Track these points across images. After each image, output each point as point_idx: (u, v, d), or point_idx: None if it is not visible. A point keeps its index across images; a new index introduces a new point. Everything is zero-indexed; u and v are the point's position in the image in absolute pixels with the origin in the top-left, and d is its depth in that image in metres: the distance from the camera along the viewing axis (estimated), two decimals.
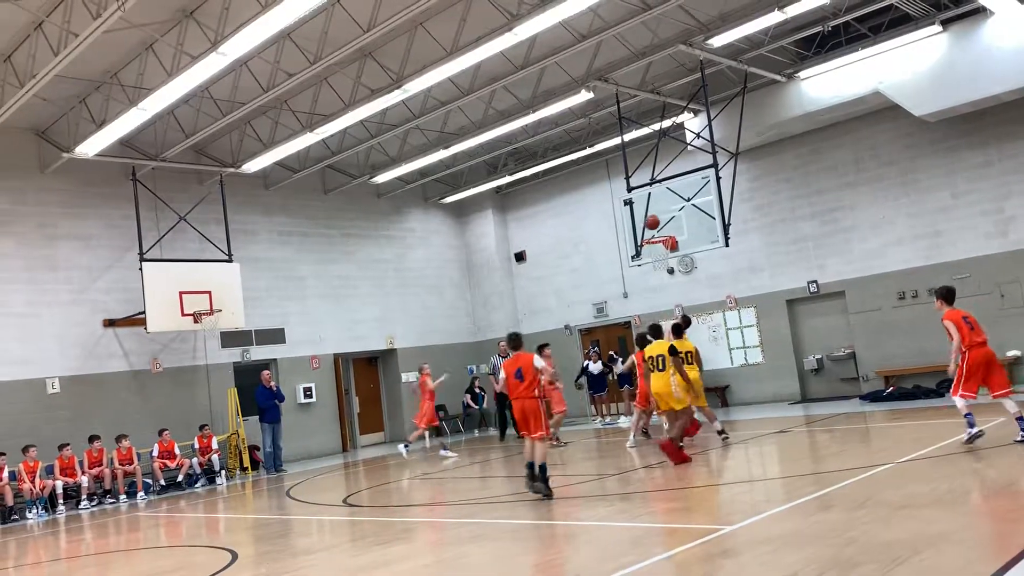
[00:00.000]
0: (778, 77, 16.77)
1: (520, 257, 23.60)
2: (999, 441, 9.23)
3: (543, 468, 8.96)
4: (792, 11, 13.19)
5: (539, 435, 9.03)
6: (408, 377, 21.97)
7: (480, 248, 23.94)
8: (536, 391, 9.09)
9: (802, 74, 16.84)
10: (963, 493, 6.88)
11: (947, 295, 9.45)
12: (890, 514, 6.40)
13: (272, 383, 17.72)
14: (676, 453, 10.41)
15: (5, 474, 14.11)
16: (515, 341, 9.62)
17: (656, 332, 11.72)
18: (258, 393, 17.55)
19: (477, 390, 22.00)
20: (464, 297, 23.91)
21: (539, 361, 9.19)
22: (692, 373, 11.62)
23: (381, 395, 22.38)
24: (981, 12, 14.67)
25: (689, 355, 11.93)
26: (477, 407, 22.00)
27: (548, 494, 8.91)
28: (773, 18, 13.38)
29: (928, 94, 15.54)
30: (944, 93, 15.35)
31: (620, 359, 19.94)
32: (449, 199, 23.24)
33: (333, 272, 20.97)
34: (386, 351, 21.95)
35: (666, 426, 14.06)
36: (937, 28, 15.14)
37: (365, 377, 22.15)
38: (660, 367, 10.62)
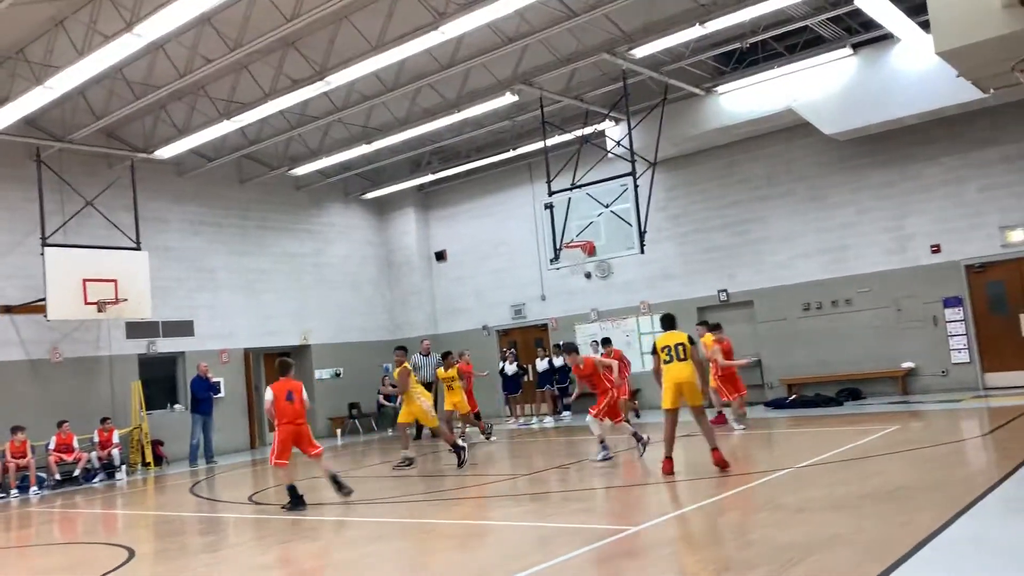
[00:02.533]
0: (697, 90, 17.18)
1: (440, 256, 23.52)
2: (888, 448, 9.69)
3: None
4: (712, 27, 13.54)
5: None
6: (322, 374, 21.66)
7: (401, 246, 23.76)
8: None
9: (720, 88, 17.29)
10: (856, 497, 7.18)
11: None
12: (788, 517, 6.63)
13: (209, 374, 17.58)
14: (723, 459, 9.50)
15: None
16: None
17: (670, 322, 10.69)
18: (194, 383, 17.38)
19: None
20: (383, 295, 23.68)
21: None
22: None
23: None
24: (889, 38, 15.34)
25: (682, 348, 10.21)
26: (392, 404, 21.80)
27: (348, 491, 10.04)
28: (694, 32, 13.71)
29: (838, 114, 16.19)
30: (853, 113, 16.02)
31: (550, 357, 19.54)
32: (370, 195, 23.00)
33: (247, 265, 20.49)
34: (300, 347, 21.57)
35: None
36: (848, 51, 15.79)
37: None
38: (681, 356, 9.61)
